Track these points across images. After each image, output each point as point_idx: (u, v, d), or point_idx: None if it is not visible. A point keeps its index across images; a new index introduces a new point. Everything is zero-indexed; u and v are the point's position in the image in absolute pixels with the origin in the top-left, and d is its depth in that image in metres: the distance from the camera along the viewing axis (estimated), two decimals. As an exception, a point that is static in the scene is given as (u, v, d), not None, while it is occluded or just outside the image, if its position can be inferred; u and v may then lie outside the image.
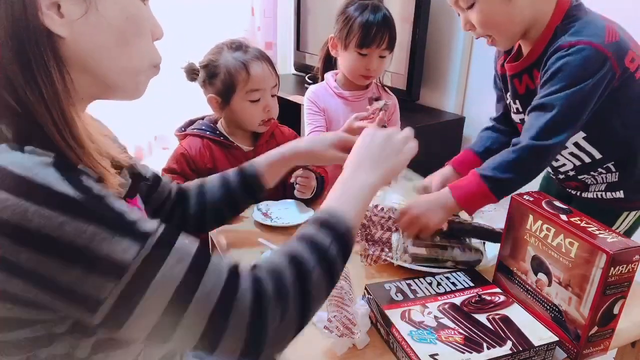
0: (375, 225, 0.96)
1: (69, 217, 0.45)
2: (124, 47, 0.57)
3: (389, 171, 0.73)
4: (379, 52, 1.35)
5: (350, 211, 0.64)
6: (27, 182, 0.45)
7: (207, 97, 1.23)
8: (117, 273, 0.47)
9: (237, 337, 0.51)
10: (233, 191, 0.91)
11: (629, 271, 0.67)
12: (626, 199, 1.10)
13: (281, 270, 0.56)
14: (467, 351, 0.66)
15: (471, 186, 0.92)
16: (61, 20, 0.51)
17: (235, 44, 1.22)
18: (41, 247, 0.45)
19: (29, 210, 0.44)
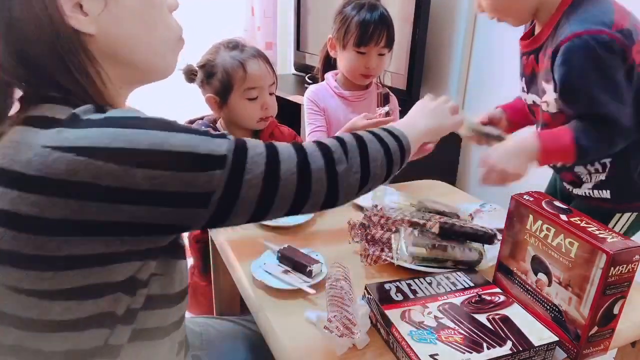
0: (375, 225, 0.96)
1: (169, 133, 0.52)
2: (149, 29, 0.59)
3: (440, 126, 0.84)
4: (378, 50, 1.35)
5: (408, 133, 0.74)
6: (123, 118, 0.52)
7: (206, 97, 1.23)
8: (220, 164, 0.54)
9: (318, 193, 0.61)
10: None
11: (629, 271, 0.67)
12: (612, 200, 1.10)
13: (340, 137, 0.66)
14: (467, 351, 0.66)
15: (558, 140, 0.95)
16: (86, 19, 0.54)
17: (232, 44, 1.22)
18: (152, 164, 0.50)
19: (134, 134, 0.50)
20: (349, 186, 0.63)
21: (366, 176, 0.65)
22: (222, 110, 1.24)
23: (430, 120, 0.83)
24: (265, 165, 0.57)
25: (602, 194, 1.10)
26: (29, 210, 0.48)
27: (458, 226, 0.93)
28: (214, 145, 0.54)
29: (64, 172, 0.48)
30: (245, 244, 1.00)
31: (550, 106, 1.05)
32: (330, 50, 1.43)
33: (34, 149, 0.49)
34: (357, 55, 1.35)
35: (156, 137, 0.51)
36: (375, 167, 0.66)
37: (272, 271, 0.89)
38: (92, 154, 0.48)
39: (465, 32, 2.08)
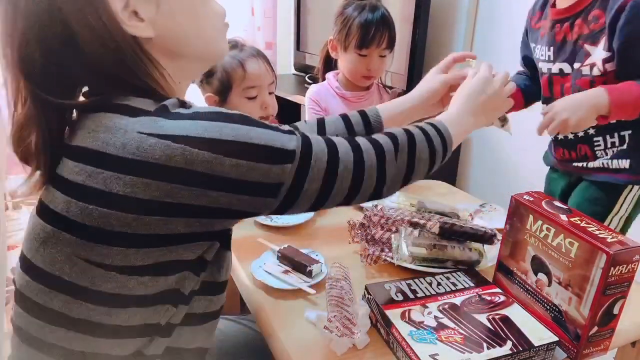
0: (375, 225, 0.96)
1: (251, 127, 0.55)
2: (200, 19, 0.62)
3: (489, 123, 0.86)
4: (379, 51, 1.34)
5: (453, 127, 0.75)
6: (208, 112, 0.56)
7: (205, 96, 1.24)
8: (290, 158, 0.57)
9: (368, 188, 0.65)
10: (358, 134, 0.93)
11: (629, 271, 0.67)
12: (631, 170, 1.12)
13: (393, 134, 0.68)
14: (467, 351, 0.66)
15: (630, 93, 0.98)
16: (143, 24, 0.56)
17: (231, 43, 1.22)
18: (239, 153, 0.54)
19: (224, 127, 0.54)
20: (393, 183, 0.68)
21: (409, 174, 0.69)
22: None
23: (479, 118, 0.82)
24: (326, 163, 0.60)
25: (620, 163, 1.14)
26: (121, 189, 0.52)
27: (458, 226, 0.93)
28: (286, 140, 0.58)
29: (160, 157, 0.51)
30: (246, 244, 1.00)
31: (595, 69, 1.08)
32: (332, 51, 1.42)
33: (129, 134, 0.53)
34: (358, 57, 1.34)
35: (240, 130, 0.55)
36: (419, 167, 0.70)
37: (272, 271, 0.89)
38: (188, 142, 0.52)
39: (465, 32, 2.08)
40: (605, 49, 1.06)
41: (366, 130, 0.93)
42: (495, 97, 0.83)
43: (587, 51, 1.09)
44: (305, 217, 1.11)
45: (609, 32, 1.04)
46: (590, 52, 1.09)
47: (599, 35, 1.06)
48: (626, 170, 1.14)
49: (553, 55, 1.15)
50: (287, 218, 1.11)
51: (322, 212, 1.17)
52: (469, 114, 0.81)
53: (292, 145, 0.58)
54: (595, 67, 1.09)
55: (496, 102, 0.84)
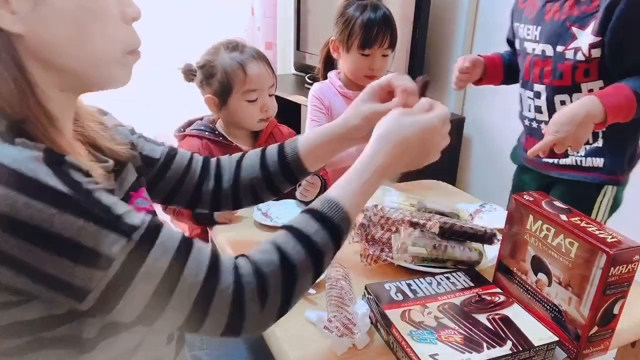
0: (375, 225, 0.96)
1: (59, 210, 0.46)
2: (83, 37, 0.53)
3: (416, 163, 0.70)
4: (382, 51, 1.34)
5: (352, 198, 0.64)
6: (17, 174, 0.46)
7: (205, 98, 1.23)
8: (104, 265, 0.48)
9: (218, 322, 0.55)
10: (273, 174, 0.86)
11: (629, 271, 0.67)
12: (605, 169, 1.10)
13: (265, 260, 0.57)
14: (467, 351, 0.66)
15: (621, 96, 0.97)
16: (12, 17, 0.49)
17: (231, 44, 1.22)
18: (31, 238, 0.46)
19: (18, 201, 0.45)
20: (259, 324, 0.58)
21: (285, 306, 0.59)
22: (221, 111, 1.24)
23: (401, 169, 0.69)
24: (159, 284, 0.51)
25: (594, 162, 1.12)
26: None
27: (458, 226, 0.93)
28: (106, 241, 0.48)
29: None
30: (245, 243, 1.00)
31: (579, 54, 1.06)
32: (333, 52, 1.42)
33: None
34: (361, 57, 1.34)
35: (42, 213, 0.45)
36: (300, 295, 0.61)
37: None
38: None
39: (465, 32, 2.08)
40: (594, 33, 1.02)
41: (282, 168, 0.85)
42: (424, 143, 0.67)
43: (574, 34, 1.05)
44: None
45: (604, 16, 1.00)
46: (576, 35, 1.05)
47: (589, 19, 1.03)
48: (599, 169, 1.11)
49: (539, 34, 1.11)
50: (288, 218, 1.10)
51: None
52: (381, 170, 0.65)
53: (112, 252, 0.48)
54: (580, 51, 1.05)
55: (424, 149, 0.68)
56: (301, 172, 0.86)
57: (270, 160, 0.85)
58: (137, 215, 0.52)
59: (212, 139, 1.23)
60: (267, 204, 1.17)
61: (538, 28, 1.11)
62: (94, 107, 0.72)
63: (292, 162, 0.84)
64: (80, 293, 0.49)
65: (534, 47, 1.13)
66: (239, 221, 1.10)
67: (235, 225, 1.09)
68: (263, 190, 0.88)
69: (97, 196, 0.50)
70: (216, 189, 0.88)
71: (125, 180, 0.70)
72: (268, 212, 1.13)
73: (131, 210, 0.52)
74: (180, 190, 0.86)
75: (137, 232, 0.51)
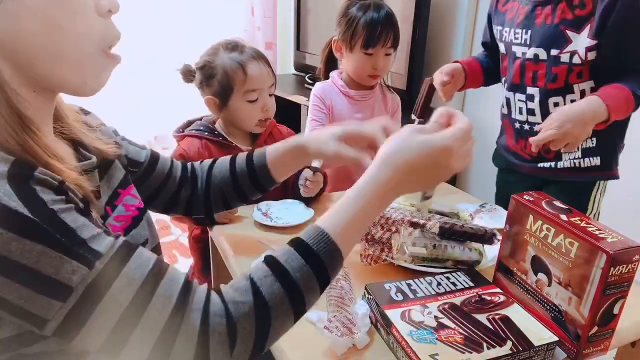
0: (375, 225, 0.96)
1: (17, 235, 0.44)
2: (54, 32, 0.49)
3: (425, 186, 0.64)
4: (385, 50, 1.35)
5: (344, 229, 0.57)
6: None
7: (205, 99, 1.23)
8: (63, 295, 0.46)
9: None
10: (241, 182, 0.87)
11: (629, 271, 0.67)
12: (602, 166, 1.12)
13: (238, 300, 0.53)
14: (467, 351, 0.66)
15: (620, 96, 0.99)
16: None
17: (231, 45, 1.21)
18: None
19: None
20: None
21: (258, 351, 0.54)
22: (222, 112, 1.24)
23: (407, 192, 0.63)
24: (121, 316, 0.48)
25: (592, 161, 1.13)
26: None
27: (458, 226, 0.93)
28: (65, 269, 0.46)
29: None
30: (245, 243, 1.00)
31: (575, 57, 1.06)
32: (336, 52, 1.42)
33: None
34: (364, 56, 1.34)
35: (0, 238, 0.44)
36: (276, 338, 0.56)
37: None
38: None
39: (465, 32, 2.08)
40: (590, 36, 1.02)
41: (250, 176, 0.86)
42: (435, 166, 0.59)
43: (569, 37, 1.05)
44: (305, 217, 1.11)
45: (600, 20, 1.00)
46: (571, 39, 1.05)
47: (583, 22, 1.03)
48: (597, 168, 1.13)
49: (530, 38, 1.11)
50: (287, 218, 1.11)
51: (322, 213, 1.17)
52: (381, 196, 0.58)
53: (72, 281, 0.46)
54: (576, 54, 1.05)
55: (435, 172, 0.60)
56: (268, 181, 0.87)
57: (238, 167, 0.87)
58: (105, 240, 0.50)
59: (212, 139, 1.23)
60: (267, 204, 1.17)
61: (528, 32, 1.11)
62: (75, 106, 0.71)
63: (259, 170, 0.85)
64: (40, 321, 0.47)
65: (524, 51, 1.13)
66: (239, 221, 1.10)
67: (235, 225, 1.09)
68: (232, 197, 0.89)
69: (62, 217, 0.47)
70: (191, 195, 0.88)
71: (113, 177, 0.70)
72: (268, 212, 1.13)
73: (99, 235, 0.50)
74: (160, 195, 0.86)
75: (101, 260, 0.48)
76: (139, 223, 0.70)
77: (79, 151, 0.64)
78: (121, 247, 0.51)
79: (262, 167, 0.86)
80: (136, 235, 0.68)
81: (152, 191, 0.84)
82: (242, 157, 0.88)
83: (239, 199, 0.90)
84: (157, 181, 0.85)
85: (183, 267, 1.57)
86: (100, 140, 0.68)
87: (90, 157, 0.64)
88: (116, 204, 0.68)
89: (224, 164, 0.89)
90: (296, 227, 1.08)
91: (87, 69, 0.53)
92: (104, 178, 0.68)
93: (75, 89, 0.55)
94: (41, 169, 0.49)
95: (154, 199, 0.85)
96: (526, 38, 1.11)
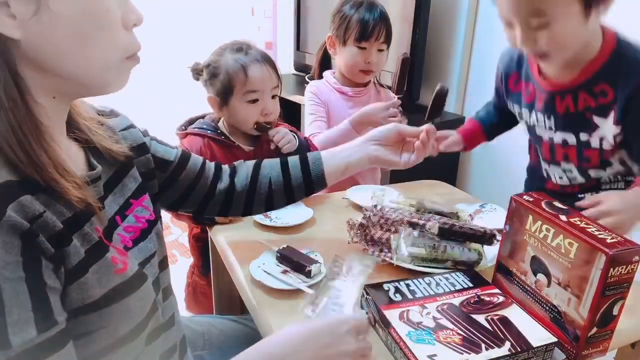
0: (374, 225, 0.96)
1: None
2: (84, 43, 0.52)
3: None
4: (378, 45, 1.38)
5: None
6: None
7: (207, 97, 1.24)
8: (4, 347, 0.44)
9: None
10: (294, 185, 0.92)
11: (628, 272, 0.67)
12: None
13: None
14: (465, 352, 0.66)
15: None
16: (12, 22, 0.48)
17: (237, 46, 1.22)
18: None
19: None
20: None
21: None
22: (222, 111, 1.24)
23: None
24: None
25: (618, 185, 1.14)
26: None
27: (457, 226, 0.93)
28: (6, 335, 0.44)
29: None
30: (245, 243, 1.00)
31: (605, 142, 1.04)
32: (330, 48, 1.44)
33: None
34: (357, 50, 1.37)
35: None
36: None
37: (271, 271, 0.88)
38: None
39: (465, 32, 2.08)
40: (615, 122, 1.00)
41: (305, 181, 0.92)
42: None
43: (596, 123, 1.03)
44: (304, 217, 1.11)
45: (622, 109, 0.98)
46: (598, 124, 1.03)
47: (608, 109, 1.00)
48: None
49: (554, 124, 1.09)
50: (287, 218, 1.11)
51: (322, 212, 1.17)
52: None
53: (17, 343, 0.44)
54: (605, 139, 1.04)
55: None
56: (321, 187, 0.94)
57: (293, 171, 0.92)
58: (29, 331, 0.46)
59: (214, 137, 1.23)
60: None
61: (551, 117, 1.08)
62: (106, 108, 0.72)
63: (316, 179, 0.92)
64: None
65: (550, 136, 1.11)
66: (239, 221, 1.10)
67: (235, 225, 1.09)
68: (280, 198, 0.93)
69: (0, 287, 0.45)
70: (229, 191, 0.90)
71: (127, 186, 0.69)
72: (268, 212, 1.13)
73: (27, 321, 0.46)
74: (193, 193, 0.87)
75: (7, 353, 0.45)
76: (148, 236, 0.69)
77: (89, 157, 0.63)
78: (42, 343, 0.47)
79: (319, 177, 0.92)
80: (143, 249, 0.68)
81: (184, 189, 0.85)
82: (295, 161, 0.93)
83: (287, 200, 0.95)
84: (189, 179, 0.86)
85: (183, 267, 1.57)
86: (111, 140, 0.67)
87: (96, 166, 0.63)
88: (127, 213, 0.67)
89: (273, 166, 0.93)
90: (295, 227, 1.08)
91: (111, 74, 0.56)
92: (118, 186, 0.67)
93: (99, 91, 0.58)
94: (16, 204, 0.47)
95: (186, 198, 0.87)
96: (550, 125, 1.09)
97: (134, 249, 0.65)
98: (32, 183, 0.50)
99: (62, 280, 0.51)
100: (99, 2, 0.52)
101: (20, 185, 0.48)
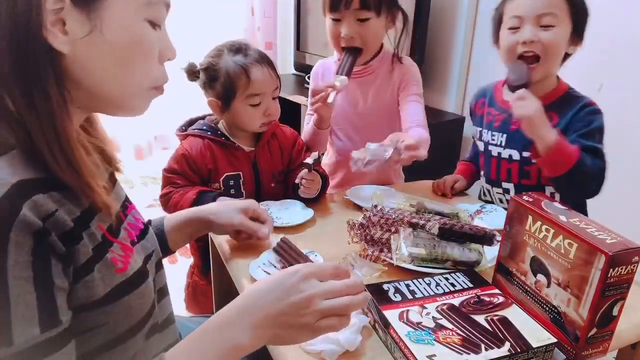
0: (374, 225, 0.96)
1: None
2: (125, 69, 0.56)
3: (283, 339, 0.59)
4: (355, 14, 1.23)
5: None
6: None
7: (208, 100, 1.22)
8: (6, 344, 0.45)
9: None
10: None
11: (628, 272, 0.67)
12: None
13: None
14: (465, 352, 0.66)
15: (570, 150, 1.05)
16: (64, 38, 0.51)
17: (235, 47, 1.20)
18: None
19: None
20: None
21: None
22: (224, 114, 1.23)
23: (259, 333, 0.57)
24: None
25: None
26: None
27: (457, 227, 0.93)
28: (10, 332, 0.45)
29: None
30: (244, 244, 1.00)
31: None
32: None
33: None
34: (333, 23, 1.27)
35: None
36: None
37: (271, 271, 0.88)
38: None
39: (465, 32, 2.08)
40: None
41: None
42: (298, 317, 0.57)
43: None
44: (305, 217, 1.11)
45: (562, 130, 1.11)
46: None
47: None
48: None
49: (505, 141, 1.23)
50: (287, 218, 1.11)
51: (322, 213, 1.17)
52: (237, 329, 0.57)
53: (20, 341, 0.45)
54: None
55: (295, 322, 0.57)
56: (164, 249, 0.87)
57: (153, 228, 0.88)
58: (32, 330, 0.47)
59: (214, 138, 1.23)
60: (266, 204, 1.17)
61: (504, 135, 1.24)
62: None
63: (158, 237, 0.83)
64: None
65: (499, 152, 1.25)
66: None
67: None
68: None
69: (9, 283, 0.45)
70: None
71: (121, 189, 0.72)
72: (268, 212, 1.13)
73: (31, 320, 0.47)
74: None
75: (8, 350, 0.45)
76: (145, 236, 0.71)
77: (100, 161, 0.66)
78: (44, 342, 0.48)
79: (160, 234, 0.88)
80: (145, 246, 0.70)
81: None
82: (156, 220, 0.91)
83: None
84: None
85: (183, 267, 1.57)
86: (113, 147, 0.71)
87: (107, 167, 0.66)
88: (127, 213, 0.70)
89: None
90: (296, 227, 1.08)
91: (137, 100, 0.60)
92: (115, 187, 0.70)
93: (122, 113, 0.61)
94: (31, 202, 0.47)
95: None
96: (502, 140, 1.24)
97: (139, 245, 0.67)
98: (45, 182, 0.51)
99: (70, 278, 0.52)
100: (147, 36, 0.57)
101: (34, 184, 0.49)
